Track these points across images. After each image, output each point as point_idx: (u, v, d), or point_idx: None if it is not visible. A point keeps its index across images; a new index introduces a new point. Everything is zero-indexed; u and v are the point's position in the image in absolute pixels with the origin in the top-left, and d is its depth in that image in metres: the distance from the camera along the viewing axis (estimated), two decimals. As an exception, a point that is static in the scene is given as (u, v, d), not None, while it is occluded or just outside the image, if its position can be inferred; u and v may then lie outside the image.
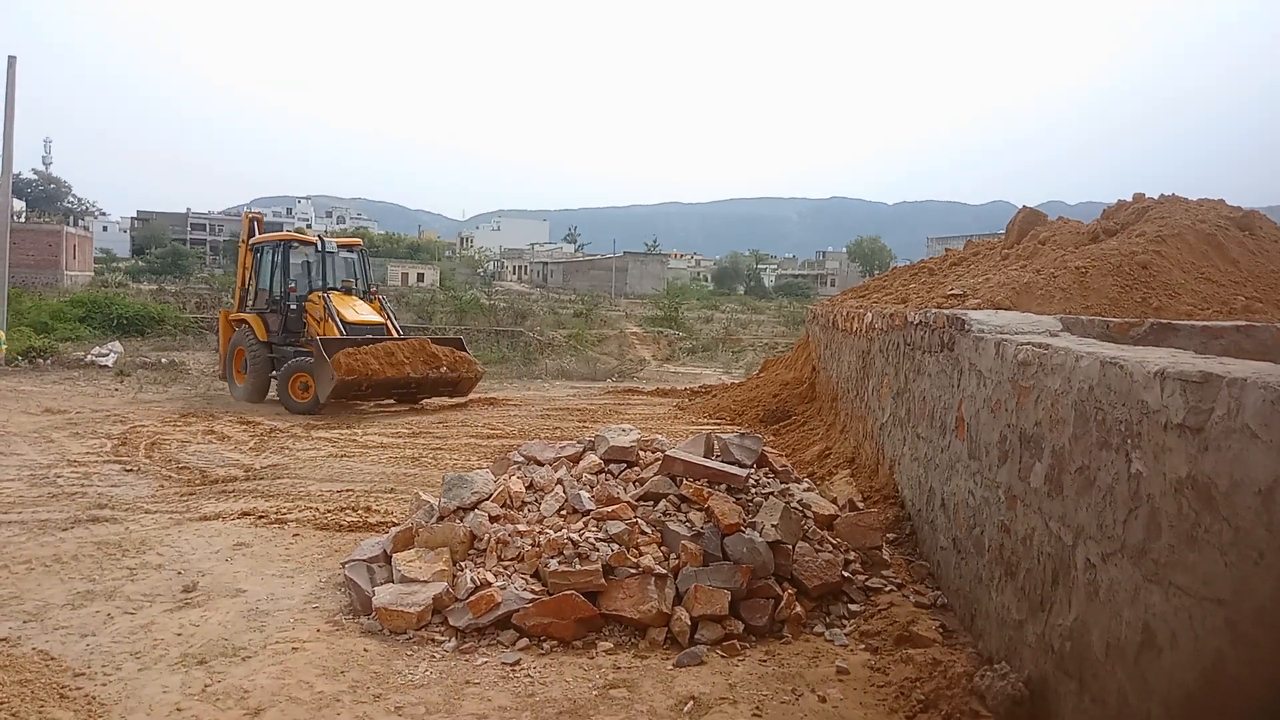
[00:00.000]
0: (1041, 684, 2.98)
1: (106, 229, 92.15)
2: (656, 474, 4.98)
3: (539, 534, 4.61)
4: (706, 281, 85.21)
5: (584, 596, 4.17)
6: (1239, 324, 4.95)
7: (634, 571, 4.27)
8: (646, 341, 26.85)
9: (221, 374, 14.02)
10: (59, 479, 7.41)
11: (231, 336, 13.65)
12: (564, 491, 5.00)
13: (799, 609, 4.25)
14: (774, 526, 4.46)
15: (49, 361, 16.42)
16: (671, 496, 4.81)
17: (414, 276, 65.99)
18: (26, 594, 4.65)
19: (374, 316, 13.10)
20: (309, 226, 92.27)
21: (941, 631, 3.98)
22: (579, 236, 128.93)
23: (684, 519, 4.64)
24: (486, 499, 4.93)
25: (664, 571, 4.29)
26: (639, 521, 4.63)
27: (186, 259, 65.02)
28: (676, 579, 4.30)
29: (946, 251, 11.38)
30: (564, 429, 10.53)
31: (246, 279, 14.07)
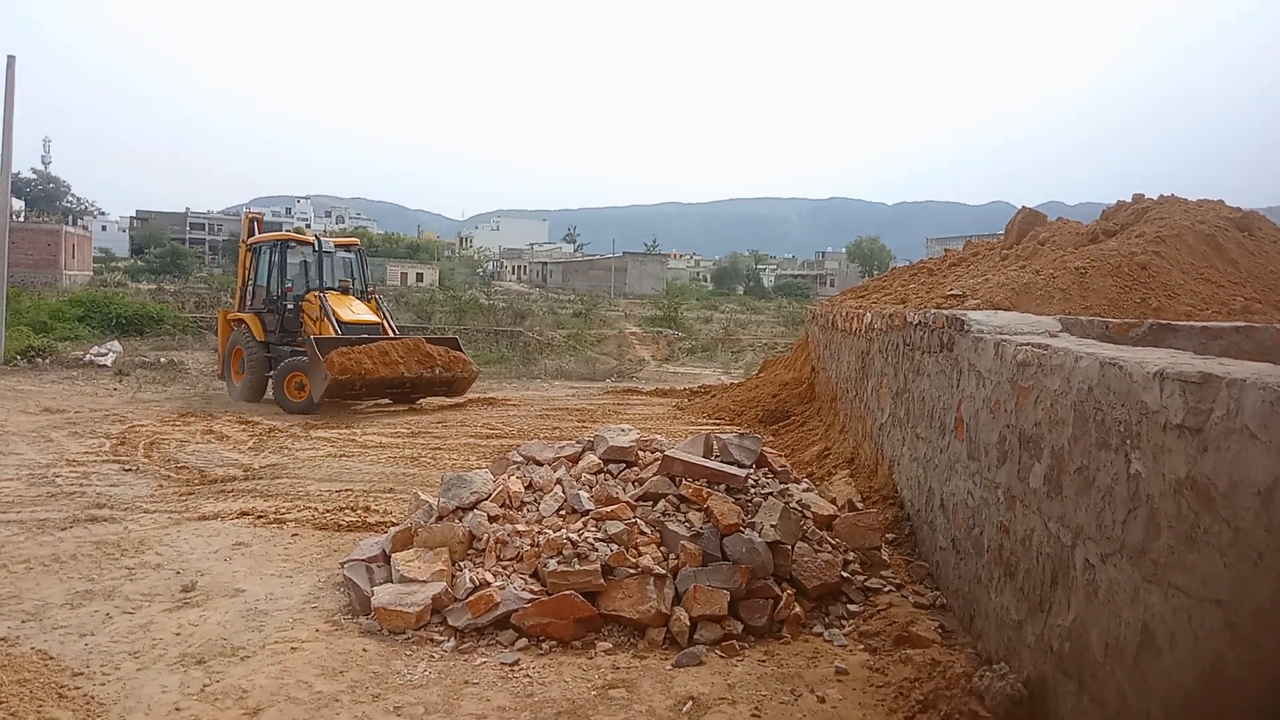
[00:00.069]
0: (1040, 684, 2.98)
1: (105, 228, 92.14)
2: (655, 474, 4.97)
3: (538, 534, 4.60)
4: (706, 282, 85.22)
5: (583, 596, 4.17)
6: (1238, 325, 4.95)
7: (633, 572, 4.27)
8: (646, 342, 26.84)
9: (220, 373, 14.03)
10: (58, 478, 7.40)
11: (230, 336, 13.65)
12: (563, 491, 5.00)
13: (798, 609, 4.25)
14: (773, 527, 4.46)
15: (48, 361, 16.42)
16: (670, 497, 4.81)
17: (413, 276, 65.98)
18: (25, 593, 4.65)
19: (370, 316, 13.07)
20: (308, 226, 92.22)
21: (940, 632, 3.98)
22: (578, 236, 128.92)
23: (683, 519, 4.63)
24: (485, 499, 4.93)
25: (663, 572, 4.29)
26: (638, 521, 4.62)
27: (185, 259, 65.01)
28: (675, 579, 4.30)
29: (946, 252, 11.38)
30: (563, 429, 10.52)
31: (246, 279, 14.08)
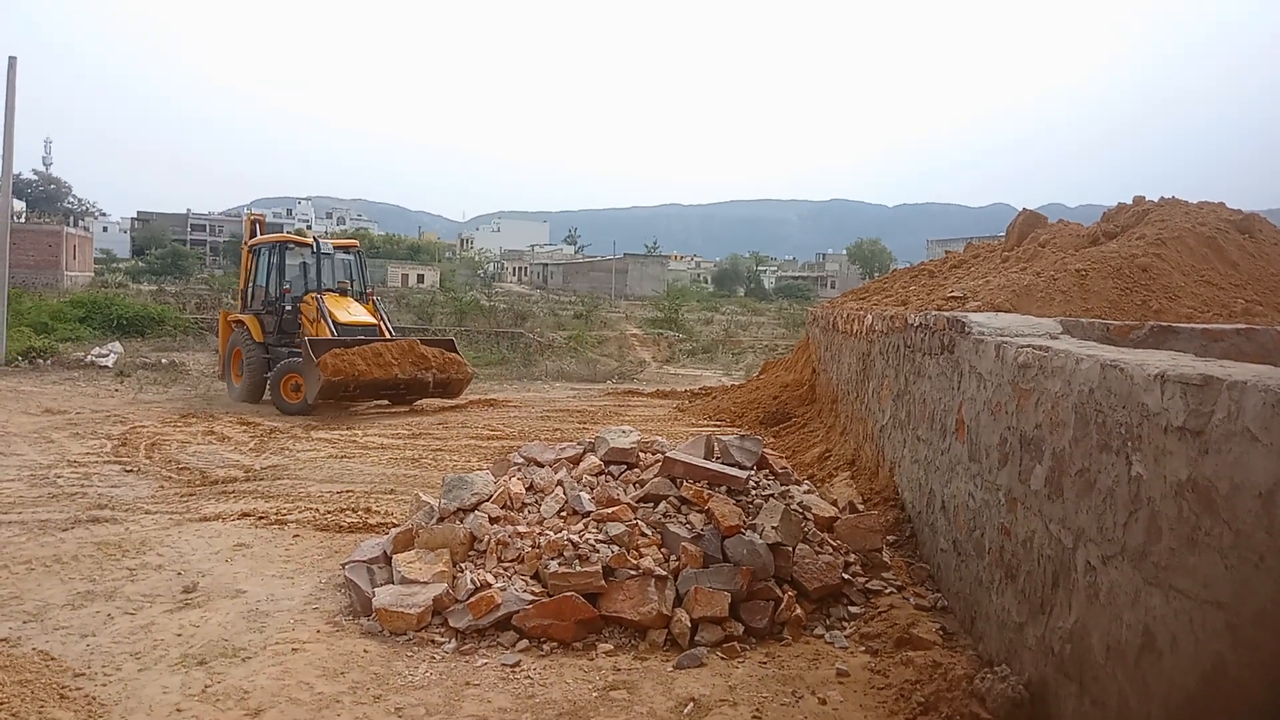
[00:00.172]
0: (1041, 686, 2.99)
1: (107, 229, 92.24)
2: (657, 476, 4.98)
3: (539, 535, 4.61)
4: (706, 283, 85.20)
5: (584, 598, 4.17)
6: (1239, 327, 4.95)
7: (634, 573, 4.27)
8: (646, 343, 26.83)
9: (221, 375, 14.05)
10: (59, 479, 7.41)
11: (230, 337, 13.67)
12: (564, 493, 5.00)
13: (799, 611, 4.25)
14: (774, 529, 4.46)
15: (49, 362, 16.42)
16: (672, 498, 4.81)
17: (414, 278, 66.01)
18: (26, 594, 4.65)
19: (367, 318, 13.07)
20: (309, 227, 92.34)
21: (942, 634, 3.98)
22: (579, 238, 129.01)
23: (684, 521, 4.64)
24: (487, 500, 4.93)
25: (664, 573, 4.29)
26: (639, 523, 4.62)
27: (186, 260, 65.05)
28: (677, 581, 4.30)
29: (946, 254, 11.39)
30: (564, 430, 10.52)
31: (248, 280, 14.10)
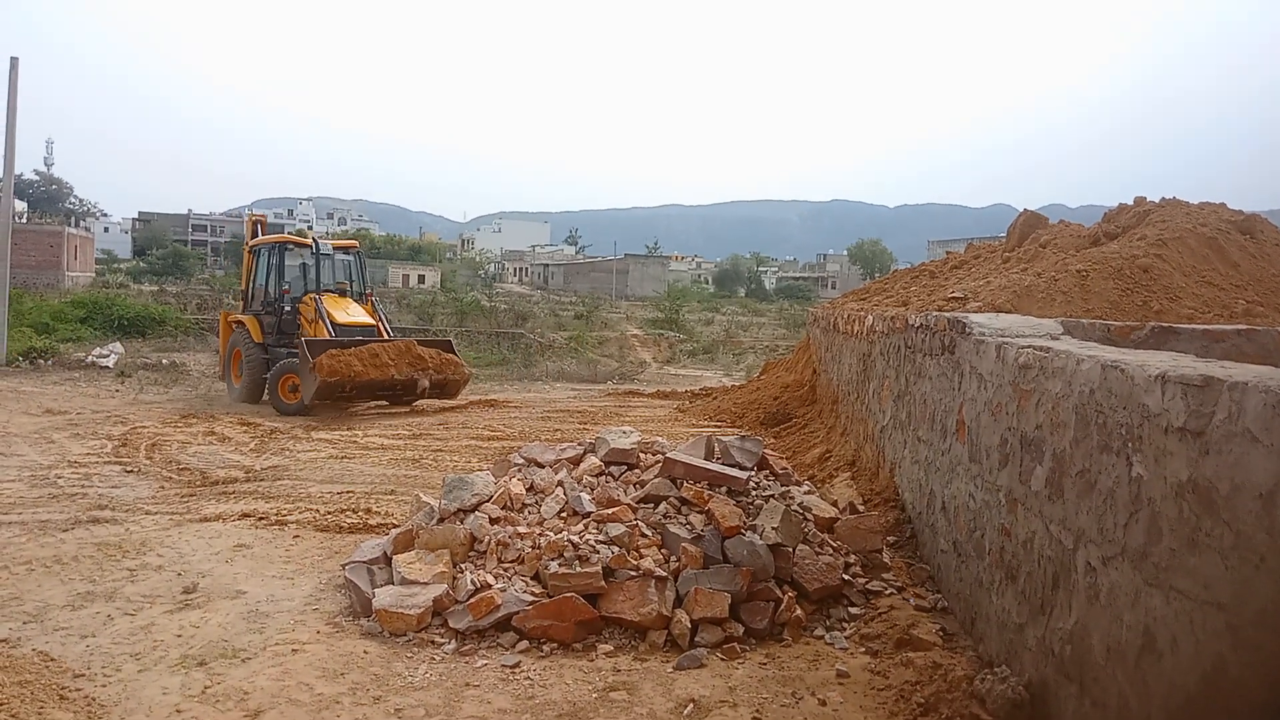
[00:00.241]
0: (1042, 687, 2.98)
1: (108, 230, 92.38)
2: (657, 476, 4.97)
3: (539, 536, 4.61)
4: (707, 284, 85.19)
5: (584, 599, 4.16)
6: (1240, 328, 4.95)
7: (634, 574, 4.27)
8: (647, 344, 26.83)
9: (221, 375, 14.06)
10: (59, 480, 7.41)
11: (230, 338, 13.69)
12: (564, 494, 5.00)
13: (799, 612, 4.24)
14: (774, 529, 4.46)
15: (50, 362, 16.43)
16: (672, 499, 4.80)
17: (415, 278, 66.05)
18: (26, 595, 4.65)
19: (365, 319, 13.07)
20: (310, 228, 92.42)
21: (942, 635, 3.97)
22: (580, 238, 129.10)
23: (684, 521, 4.63)
24: (487, 501, 4.93)
25: (664, 574, 4.29)
26: (639, 524, 4.62)
27: (187, 260, 65.14)
28: (677, 581, 4.30)
29: (947, 254, 11.38)
30: (564, 431, 10.52)
31: (249, 281, 14.12)
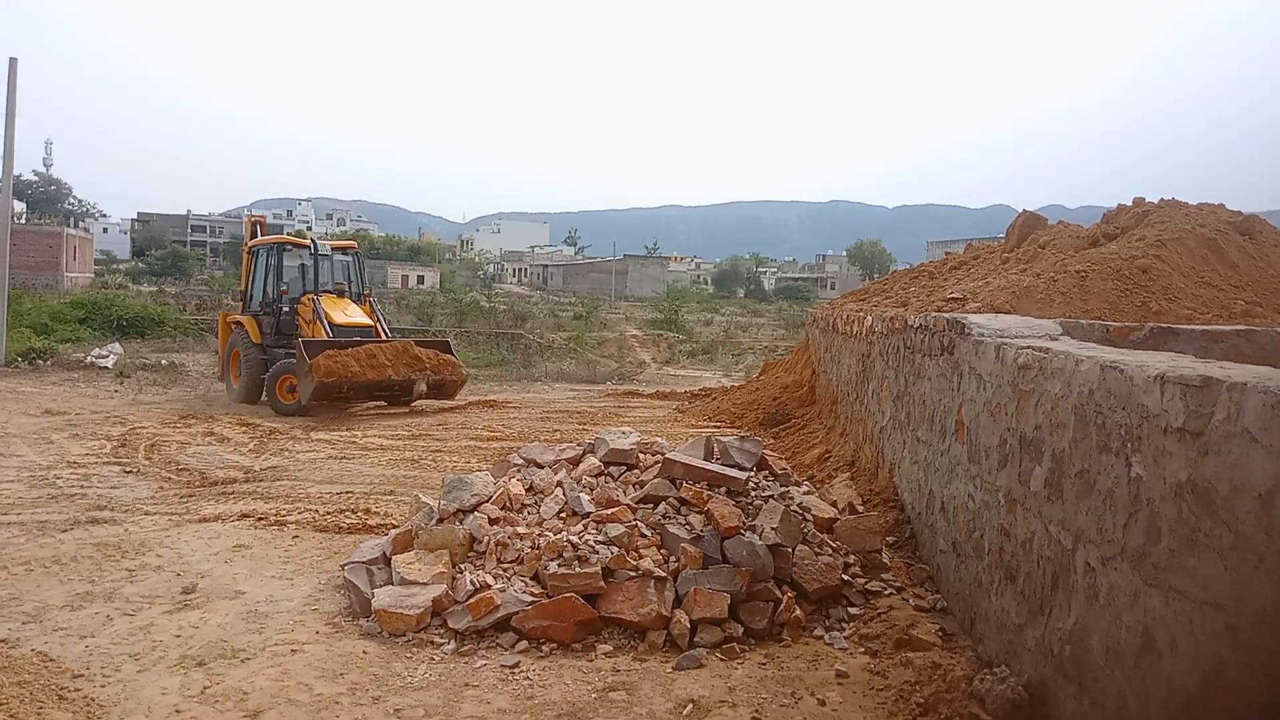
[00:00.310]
0: (1041, 688, 2.98)
1: (107, 230, 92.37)
2: (656, 477, 4.97)
3: (538, 536, 4.61)
4: (706, 284, 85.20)
5: (583, 599, 4.16)
6: (1239, 328, 4.95)
7: (633, 574, 4.27)
8: (646, 344, 26.83)
9: (221, 376, 14.07)
10: (58, 480, 7.40)
11: (229, 338, 13.70)
12: (564, 494, 5.00)
13: (798, 612, 4.24)
14: (774, 529, 4.46)
15: (49, 363, 16.41)
16: (671, 499, 4.81)
17: (414, 279, 66.04)
18: (26, 595, 4.65)
19: (363, 319, 13.07)
20: (309, 229, 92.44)
21: (941, 635, 3.97)
22: (579, 239, 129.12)
23: (684, 522, 4.63)
24: (486, 501, 4.93)
25: (663, 574, 4.29)
26: (638, 524, 4.62)
27: (186, 261, 65.10)
28: (676, 582, 4.30)
29: (946, 255, 11.39)
30: (564, 431, 10.52)
31: (249, 281, 14.13)
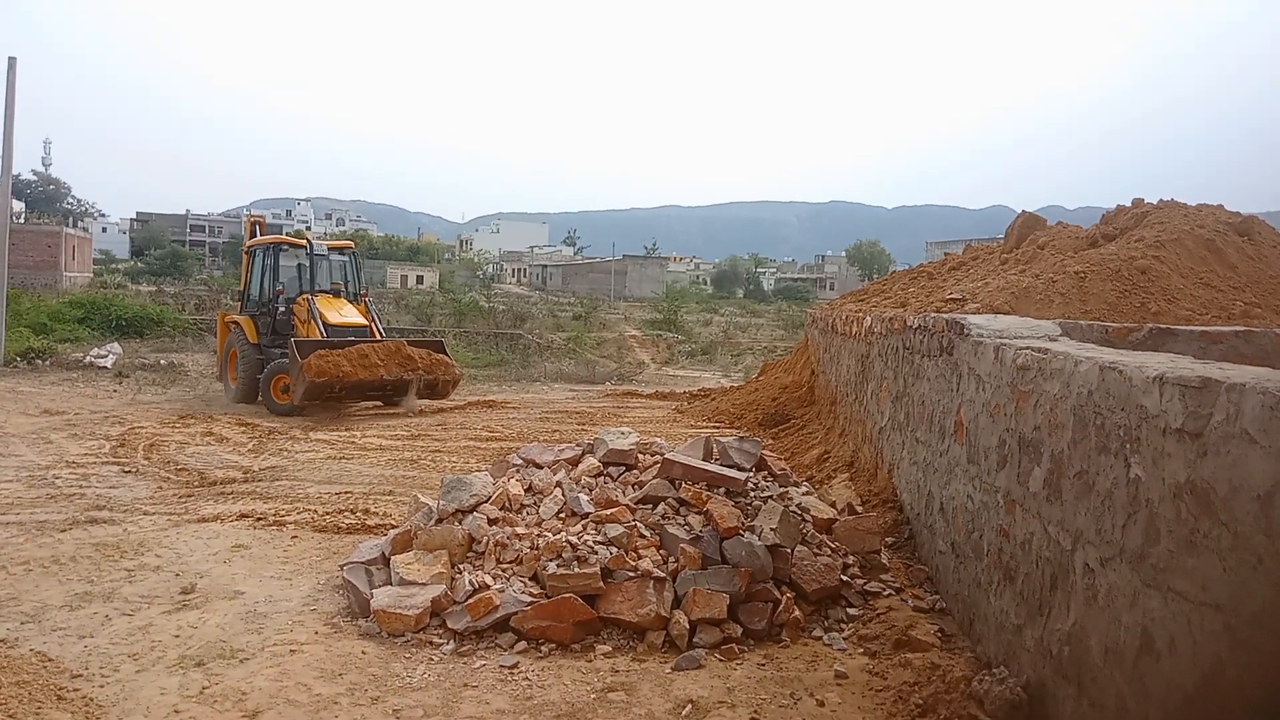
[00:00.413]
0: (1040, 689, 2.98)
1: (106, 230, 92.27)
2: (655, 477, 4.97)
3: (537, 537, 4.61)
4: (705, 285, 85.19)
5: (582, 599, 4.17)
6: (1238, 329, 4.96)
7: (632, 575, 4.27)
8: (645, 344, 26.82)
9: (219, 375, 14.07)
10: (57, 480, 7.40)
11: (227, 338, 13.70)
12: (563, 494, 5.00)
13: (797, 613, 4.24)
14: (773, 530, 4.46)
15: (47, 362, 16.40)
16: (670, 500, 4.81)
17: (413, 279, 66.03)
18: (24, 595, 4.64)
19: (358, 319, 13.07)
20: (308, 229, 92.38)
21: (940, 636, 3.98)
22: (578, 239, 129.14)
23: (683, 522, 4.64)
24: (485, 502, 4.93)
25: (662, 575, 4.29)
26: (637, 524, 4.62)
27: (185, 260, 65.05)
28: (675, 582, 4.30)
29: (945, 256, 11.39)
30: (563, 432, 10.52)
31: (247, 281, 14.13)
